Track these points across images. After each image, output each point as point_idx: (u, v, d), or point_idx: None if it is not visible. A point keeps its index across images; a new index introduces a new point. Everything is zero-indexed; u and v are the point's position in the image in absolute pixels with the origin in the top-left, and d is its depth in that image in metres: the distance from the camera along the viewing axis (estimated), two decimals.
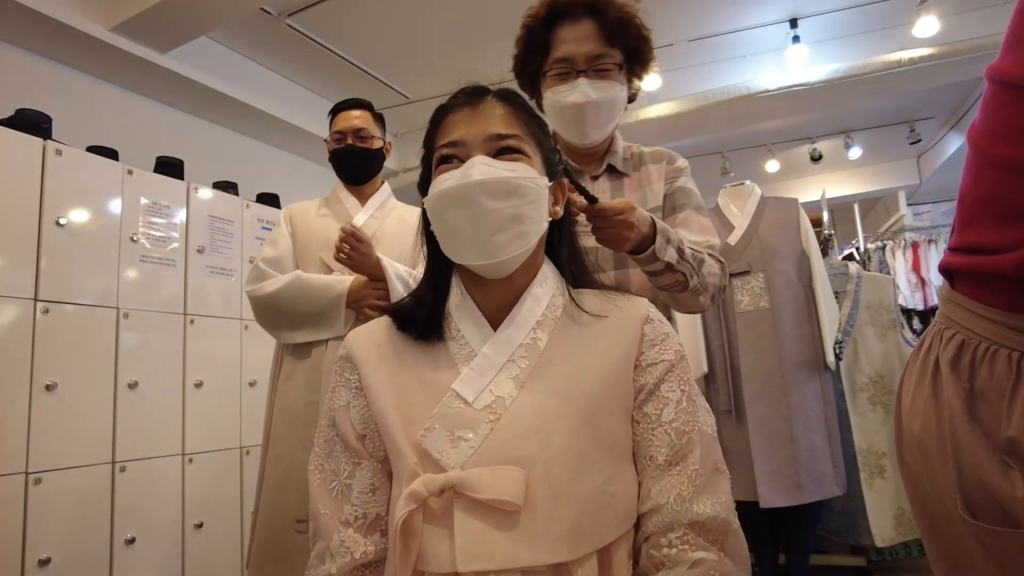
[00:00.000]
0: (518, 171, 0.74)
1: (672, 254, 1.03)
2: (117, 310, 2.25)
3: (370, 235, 1.72)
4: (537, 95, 1.25)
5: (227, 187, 2.90)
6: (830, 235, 3.03)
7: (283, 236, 1.73)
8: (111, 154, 2.41)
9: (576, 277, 0.83)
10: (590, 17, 1.15)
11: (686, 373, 0.77)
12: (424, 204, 0.78)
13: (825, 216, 3.18)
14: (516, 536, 0.65)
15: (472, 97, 0.78)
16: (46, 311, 2.04)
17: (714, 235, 1.21)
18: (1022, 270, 0.58)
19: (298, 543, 1.52)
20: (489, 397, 0.71)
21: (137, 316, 2.30)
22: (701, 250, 1.10)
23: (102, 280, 2.23)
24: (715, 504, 0.69)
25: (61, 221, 2.11)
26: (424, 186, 0.80)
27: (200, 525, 2.37)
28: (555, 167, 0.82)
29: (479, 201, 0.71)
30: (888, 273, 4.47)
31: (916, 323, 4.41)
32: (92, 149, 2.38)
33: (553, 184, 0.80)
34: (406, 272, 1.60)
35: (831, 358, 2.08)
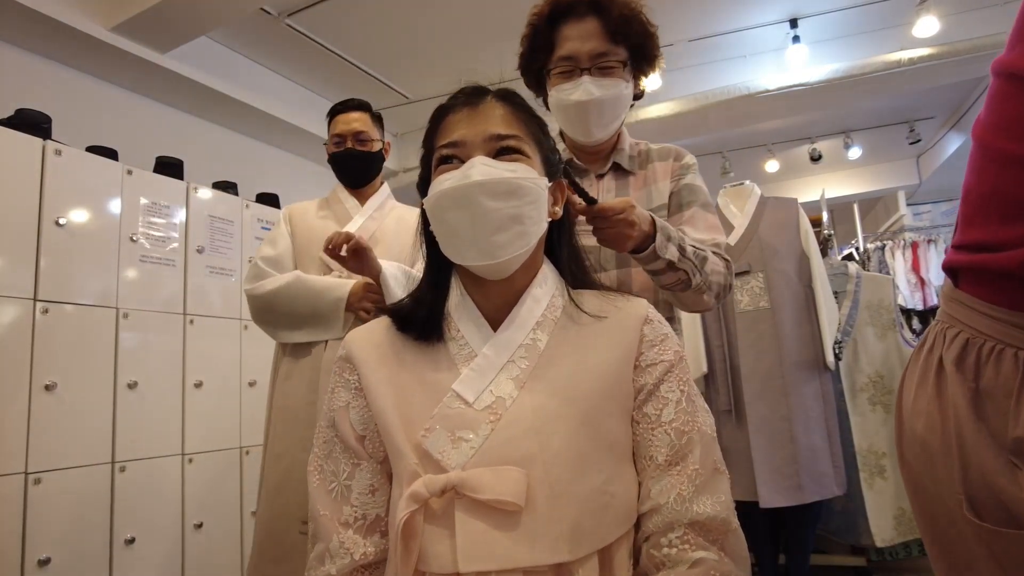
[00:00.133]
0: (518, 171, 0.74)
1: (673, 252, 1.02)
2: (117, 310, 2.25)
3: (369, 235, 1.72)
4: (543, 93, 1.24)
5: (227, 187, 2.90)
6: (830, 235, 3.03)
7: (283, 236, 1.73)
8: (111, 154, 2.41)
9: (576, 277, 0.83)
10: (594, 15, 1.14)
11: (685, 373, 0.77)
12: (424, 204, 0.78)
13: (825, 216, 3.18)
14: (517, 536, 0.65)
15: (472, 97, 0.78)
16: (46, 311, 2.04)
17: (721, 233, 1.19)
18: None
19: (298, 544, 1.52)
20: (489, 398, 0.71)
21: (137, 316, 2.30)
22: (704, 248, 1.09)
23: (102, 280, 2.23)
24: (715, 504, 0.70)
25: (61, 221, 2.11)
26: (423, 186, 0.80)
27: (200, 525, 2.37)
28: (555, 167, 0.82)
29: (479, 201, 0.71)
30: (887, 273, 4.47)
31: (916, 323, 4.41)
32: (92, 149, 2.38)
33: (552, 184, 0.80)
34: (403, 274, 1.59)
35: (831, 358, 2.08)
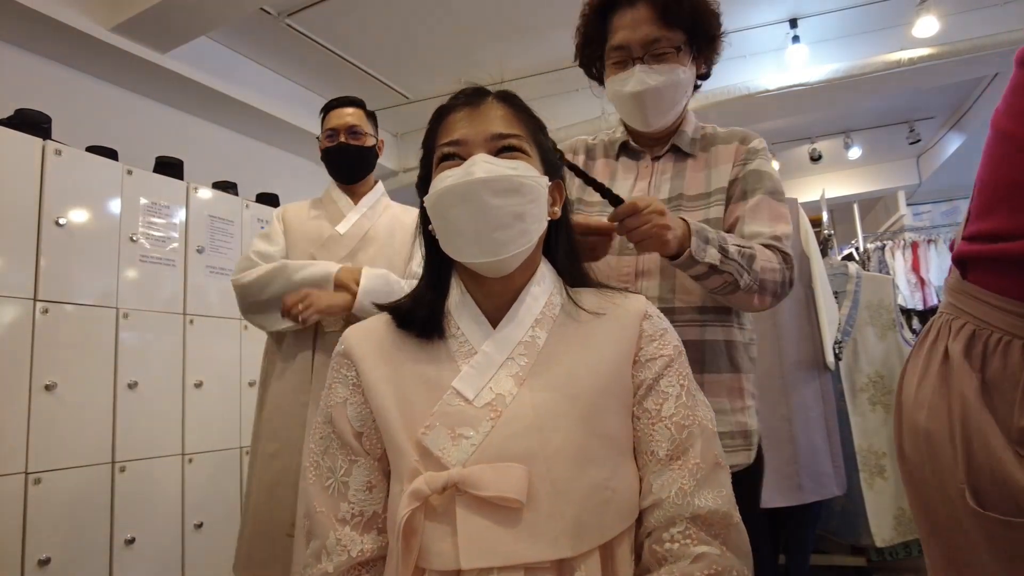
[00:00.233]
0: (520, 169, 0.74)
1: (713, 255, 0.95)
2: (117, 310, 2.25)
3: (363, 234, 1.72)
4: (602, 83, 1.20)
5: (227, 187, 2.90)
6: (830, 235, 3.03)
7: (277, 234, 1.73)
8: (111, 154, 2.41)
9: (573, 276, 0.84)
10: (644, 0, 1.09)
11: (685, 368, 0.78)
12: (424, 202, 0.78)
13: (825, 216, 3.18)
14: (519, 533, 0.65)
15: (472, 97, 0.79)
16: (46, 311, 2.04)
17: (786, 224, 1.10)
18: None
19: (287, 546, 1.52)
20: (489, 395, 0.71)
21: (137, 316, 2.30)
22: (751, 245, 1.01)
23: (102, 280, 2.23)
24: (716, 497, 0.70)
25: (61, 221, 2.11)
26: (423, 185, 0.81)
27: (200, 525, 2.37)
28: (554, 167, 0.83)
29: (482, 198, 0.71)
30: (887, 273, 4.47)
31: (916, 323, 4.40)
32: (92, 149, 2.38)
33: (551, 184, 0.80)
34: (385, 284, 1.58)
35: (831, 358, 2.08)
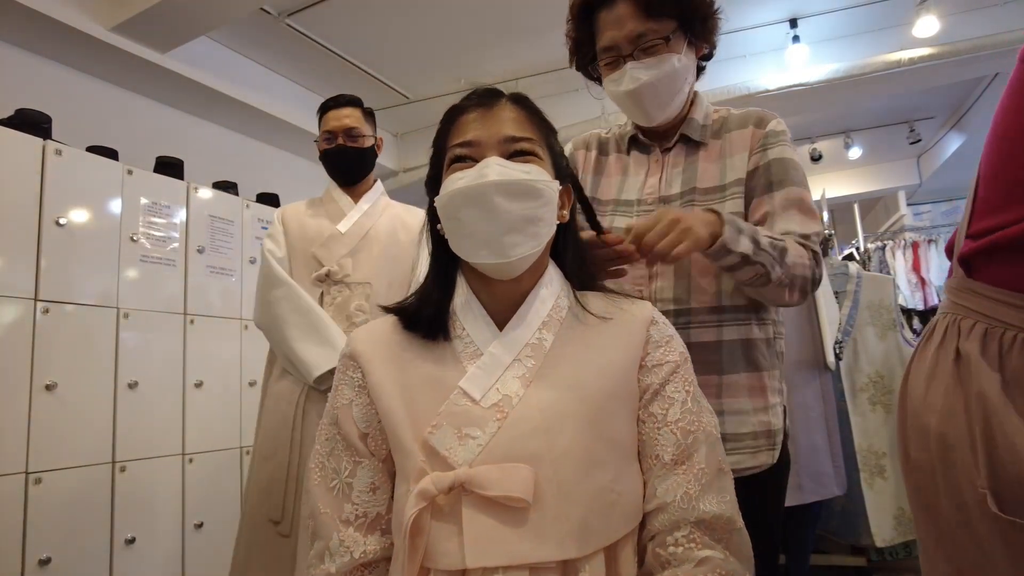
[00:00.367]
0: (532, 173, 0.75)
1: (746, 244, 0.91)
2: (117, 310, 2.25)
3: (363, 233, 1.72)
4: (600, 84, 1.17)
5: (227, 187, 2.90)
6: (830, 235, 3.03)
7: (279, 235, 1.74)
8: (111, 154, 2.41)
9: (580, 280, 0.84)
10: None
11: (690, 374, 0.78)
12: (436, 203, 0.78)
13: (825, 216, 3.18)
14: (524, 533, 0.65)
15: (485, 99, 0.79)
16: (46, 311, 2.04)
17: (815, 218, 1.05)
18: None
19: (284, 547, 1.52)
20: (496, 396, 0.71)
21: (137, 316, 2.30)
22: (782, 239, 0.97)
23: (102, 280, 2.23)
24: (720, 503, 0.70)
25: (61, 221, 2.11)
26: (432, 184, 0.81)
27: (200, 525, 2.37)
28: (563, 171, 0.83)
29: (494, 201, 0.72)
30: (888, 273, 4.47)
31: (916, 323, 4.40)
32: (92, 149, 2.38)
33: (561, 188, 0.80)
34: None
35: (831, 358, 2.08)
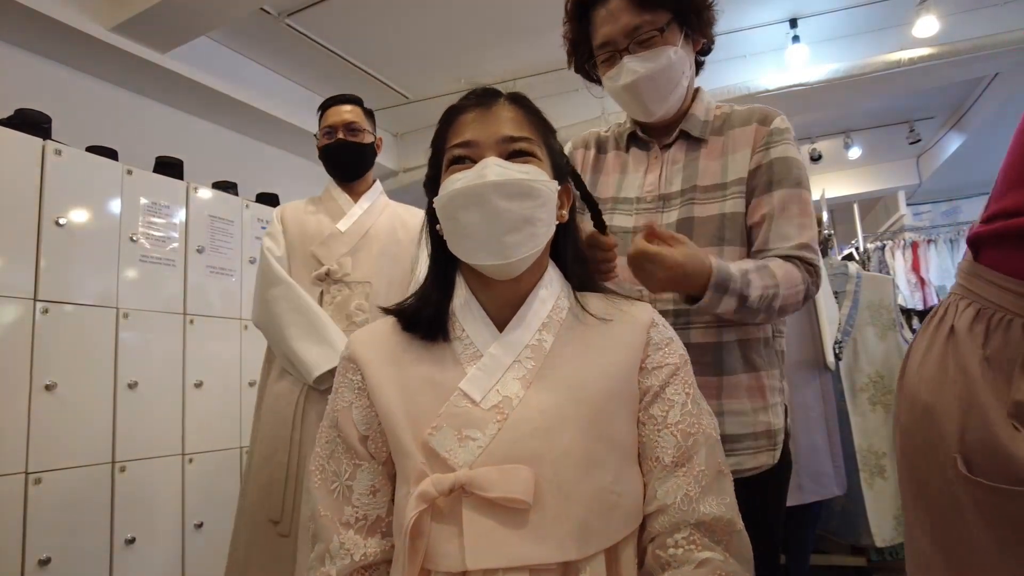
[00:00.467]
0: (530, 173, 0.74)
1: (729, 304, 0.91)
2: (117, 310, 2.25)
3: (363, 232, 1.72)
4: (599, 84, 1.17)
5: (227, 187, 2.90)
6: (830, 235, 3.03)
7: (278, 234, 1.74)
8: (111, 154, 2.41)
9: (580, 280, 0.84)
10: None
11: (690, 377, 0.78)
12: (434, 204, 0.78)
13: (825, 216, 3.18)
14: (525, 534, 0.65)
15: (483, 99, 0.79)
16: (46, 311, 2.04)
17: (813, 222, 1.03)
18: None
19: (283, 548, 1.52)
20: (496, 397, 0.71)
21: (137, 316, 2.30)
22: (777, 283, 0.95)
23: (102, 280, 2.23)
24: (720, 504, 0.70)
25: (61, 221, 2.11)
26: (432, 185, 0.81)
27: (200, 525, 2.37)
28: (562, 171, 0.83)
29: (493, 201, 0.72)
30: (888, 273, 4.47)
31: (916, 323, 4.40)
32: (92, 149, 2.38)
33: (560, 188, 0.80)
34: None
35: (831, 358, 2.08)
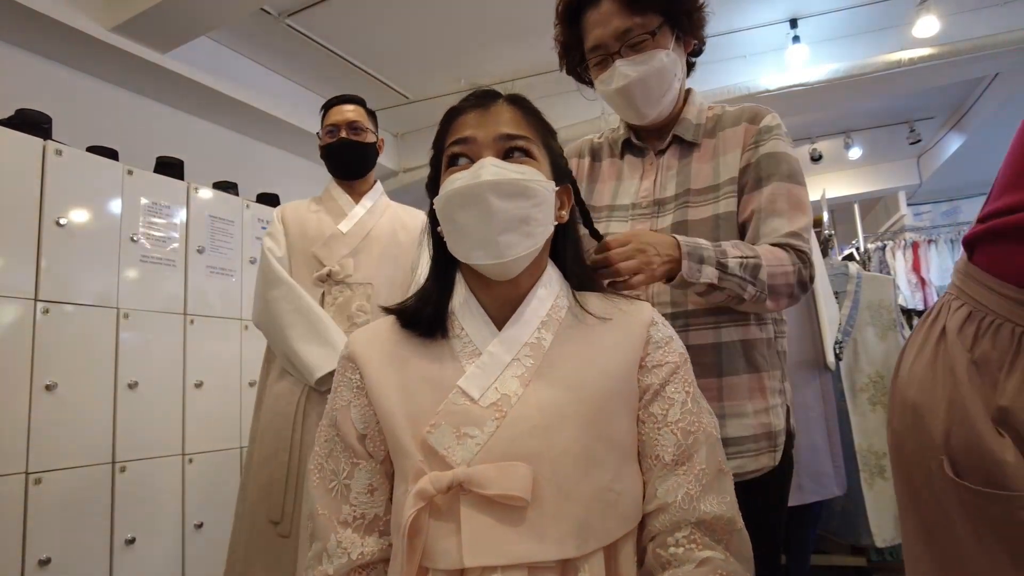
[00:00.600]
0: (526, 173, 0.75)
1: (710, 273, 0.91)
2: (117, 310, 2.25)
3: (365, 233, 1.72)
4: (592, 86, 1.17)
5: (227, 187, 2.90)
6: (830, 235, 3.03)
7: (279, 234, 1.73)
8: (111, 154, 2.41)
9: (580, 280, 0.84)
10: None
11: (690, 375, 0.78)
12: (434, 204, 0.78)
13: (825, 216, 3.18)
14: (523, 532, 0.65)
15: (482, 99, 0.79)
16: (46, 311, 2.04)
17: (804, 213, 1.03)
18: None
19: (283, 548, 1.52)
20: (495, 395, 0.71)
21: (137, 316, 2.30)
22: (756, 253, 0.95)
23: (102, 280, 2.23)
24: (721, 503, 0.71)
25: (61, 221, 2.11)
26: (432, 186, 0.82)
27: (200, 525, 2.37)
28: (562, 172, 0.83)
29: (488, 201, 0.72)
30: (888, 273, 4.47)
31: (916, 323, 4.40)
32: (92, 149, 2.38)
33: (559, 189, 0.80)
34: None
35: (831, 358, 2.08)
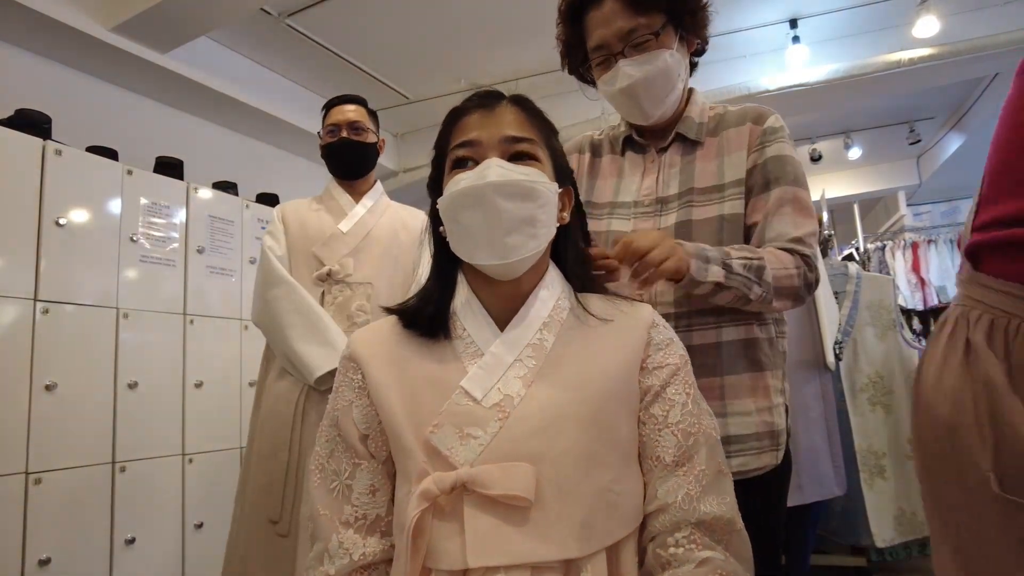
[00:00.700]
0: (531, 175, 0.75)
1: (716, 273, 0.91)
2: (117, 310, 2.25)
3: (366, 232, 1.72)
4: (594, 86, 1.17)
5: (227, 187, 2.90)
6: (830, 235, 3.03)
7: (279, 233, 1.73)
8: (111, 154, 2.41)
9: (581, 281, 0.84)
10: None
11: (690, 377, 0.79)
12: (438, 204, 0.78)
13: (825, 216, 3.18)
14: (526, 532, 0.65)
15: (486, 100, 0.80)
16: (46, 311, 2.04)
17: (810, 218, 1.02)
18: None
19: (282, 547, 1.52)
20: (497, 395, 0.71)
21: (137, 316, 2.30)
22: (760, 255, 0.95)
23: (102, 280, 2.23)
24: (720, 504, 0.71)
25: (61, 221, 2.11)
26: (434, 186, 0.82)
27: (200, 525, 2.37)
28: (564, 173, 0.84)
29: (494, 202, 0.72)
30: (888, 273, 4.47)
31: (916, 323, 4.41)
32: (92, 149, 2.38)
33: (561, 190, 0.81)
34: None
35: (831, 358, 2.08)
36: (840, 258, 3.29)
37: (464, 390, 0.72)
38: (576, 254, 0.85)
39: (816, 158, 4.93)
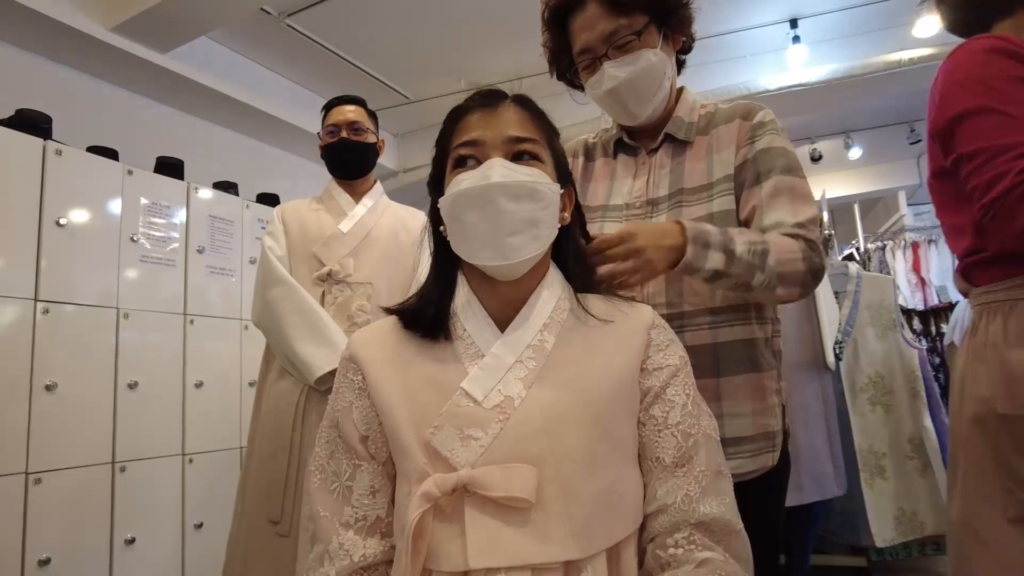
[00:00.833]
0: (535, 176, 0.75)
1: (716, 259, 0.89)
2: (117, 310, 2.25)
3: (366, 233, 1.72)
4: (583, 90, 1.17)
5: (227, 187, 2.90)
6: (830, 235, 3.03)
7: (279, 233, 1.73)
8: (111, 154, 2.41)
9: (582, 282, 0.84)
10: None
11: (690, 378, 0.79)
12: (439, 204, 0.78)
13: (825, 216, 3.18)
14: (527, 533, 0.65)
15: (488, 99, 0.79)
16: (46, 311, 2.04)
17: (809, 205, 1.00)
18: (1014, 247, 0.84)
19: (282, 547, 1.52)
20: (498, 397, 0.71)
21: (137, 316, 2.30)
22: (764, 240, 0.93)
23: (102, 280, 2.23)
24: (720, 505, 0.71)
25: (61, 221, 2.11)
26: (435, 184, 0.81)
27: (200, 525, 2.37)
28: (565, 173, 0.84)
29: (498, 202, 0.72)
30: (888, 273, 4.47)
31: (916, 323, 4.40)
32: (92, 149, 2.38)
33: (563, 191, 0.81)
34: None
35: (831, 358, 2.08)
36: (840, 258, 3.29)
37: (465, 391, 0.72)
38: (577, 255, 0.85)
39: (816, 158, 4.93)
